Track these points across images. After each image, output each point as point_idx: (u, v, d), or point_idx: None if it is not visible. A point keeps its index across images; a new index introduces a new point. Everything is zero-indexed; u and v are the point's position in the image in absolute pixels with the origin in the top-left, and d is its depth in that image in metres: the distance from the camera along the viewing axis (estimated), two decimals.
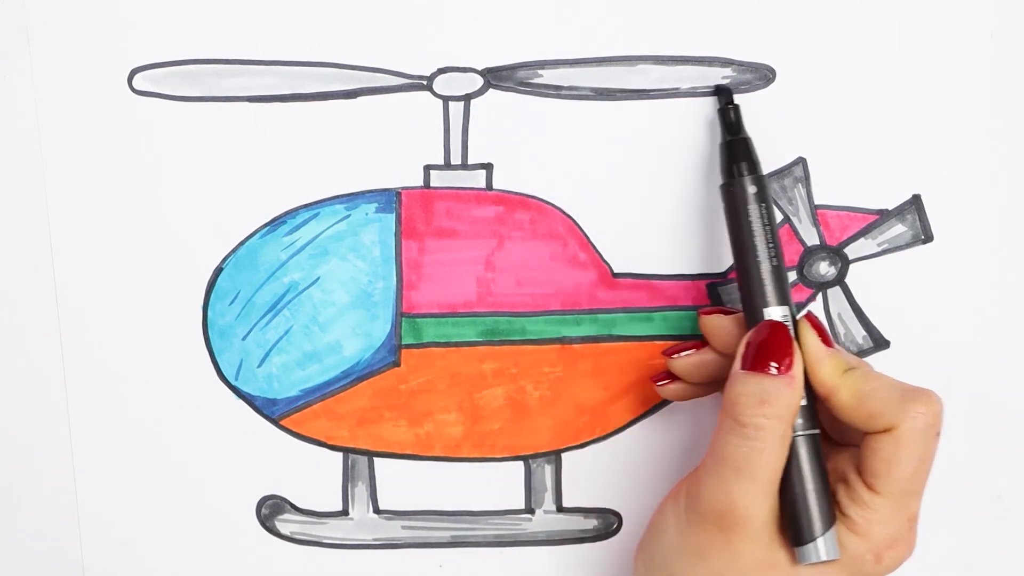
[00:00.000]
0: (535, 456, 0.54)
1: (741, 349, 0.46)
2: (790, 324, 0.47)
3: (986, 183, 0.52)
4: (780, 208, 0.52)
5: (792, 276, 0.53)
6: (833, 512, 0.46)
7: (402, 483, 0.54)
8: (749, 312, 0.48)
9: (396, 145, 0.51)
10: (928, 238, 0.53)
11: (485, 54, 0.50)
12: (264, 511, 0.54)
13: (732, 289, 0.52)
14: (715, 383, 0.50)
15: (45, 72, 0.50)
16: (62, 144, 0.51)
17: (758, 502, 0.45)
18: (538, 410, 0.53)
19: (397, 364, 0.53)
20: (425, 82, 0.51)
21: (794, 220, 0.52)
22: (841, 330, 0.53)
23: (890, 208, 0.52)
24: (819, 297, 0.53)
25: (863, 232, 0.52)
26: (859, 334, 0.53)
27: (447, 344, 0.53)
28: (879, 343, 0.53)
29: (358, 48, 0.50)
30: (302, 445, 0.53)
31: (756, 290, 0.47)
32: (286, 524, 0.54)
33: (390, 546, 0.55)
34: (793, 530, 0.46)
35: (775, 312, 0.47)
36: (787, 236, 0.52)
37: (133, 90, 0.50)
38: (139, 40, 0.50)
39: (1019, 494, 0.55)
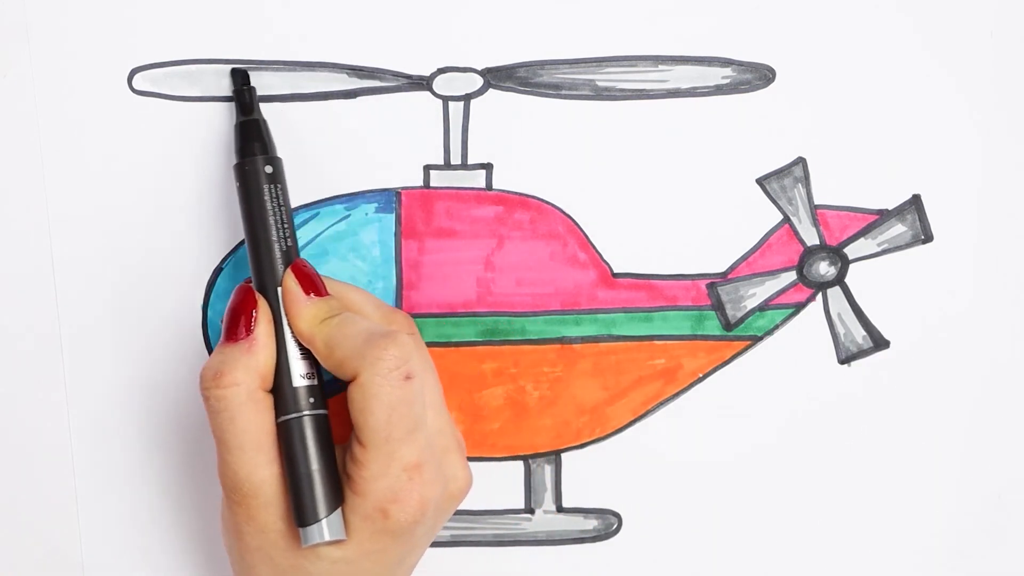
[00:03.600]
0: (535, 456, 0.54)
1: None
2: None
3: (986, 183, 0.52)
4: (780, 208, 0.52)
5: (792, 276, 0.53)
6: (339, 495, 0.45)
7: None
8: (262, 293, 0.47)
9: (396, 145, 0.51)
10: (928, 238, 0.53)
11: (485, 54, 0.50)
12: None
13: (732, 289, 0.52)
14: None
15: (45, 72, 0.50)
16: (62, 144, 0.51)
17: (258, 470, 0.44)
18: (538, 410, 0.53)
19: None
20: (425, 82, 0.51)
21: (794, 220, 0.52)
22: (841, 330, 0.53)
23: (890, 208, 0.52)
24: (819, 297, 0.53)
25: (863, 232, 0.52)
26: (859, 334, 0.53)
27: (447, 344, 0.53)
28: (879, 343, 0.53)
29: (358, 48, 0.50)
30: None
31: (266, 272, 0.47)
32: None
33: None
34: (295, 510, 0.45)
35: None
36: (787, 236, 0.52)
37: (133, 90, 0.50)
38: (139, 40, 0.50)
39: (1019, 494, 0.55)
